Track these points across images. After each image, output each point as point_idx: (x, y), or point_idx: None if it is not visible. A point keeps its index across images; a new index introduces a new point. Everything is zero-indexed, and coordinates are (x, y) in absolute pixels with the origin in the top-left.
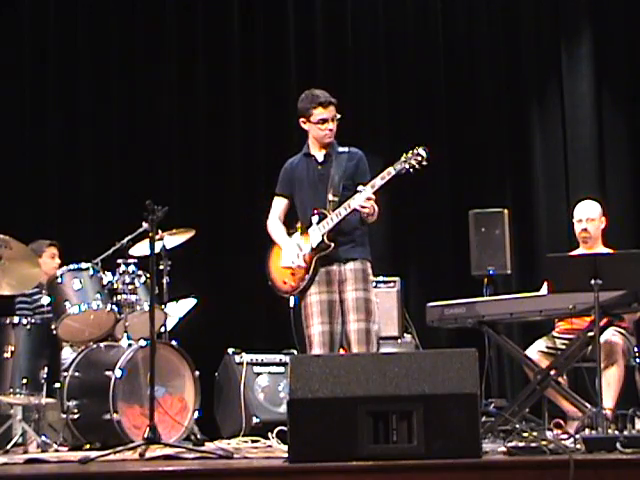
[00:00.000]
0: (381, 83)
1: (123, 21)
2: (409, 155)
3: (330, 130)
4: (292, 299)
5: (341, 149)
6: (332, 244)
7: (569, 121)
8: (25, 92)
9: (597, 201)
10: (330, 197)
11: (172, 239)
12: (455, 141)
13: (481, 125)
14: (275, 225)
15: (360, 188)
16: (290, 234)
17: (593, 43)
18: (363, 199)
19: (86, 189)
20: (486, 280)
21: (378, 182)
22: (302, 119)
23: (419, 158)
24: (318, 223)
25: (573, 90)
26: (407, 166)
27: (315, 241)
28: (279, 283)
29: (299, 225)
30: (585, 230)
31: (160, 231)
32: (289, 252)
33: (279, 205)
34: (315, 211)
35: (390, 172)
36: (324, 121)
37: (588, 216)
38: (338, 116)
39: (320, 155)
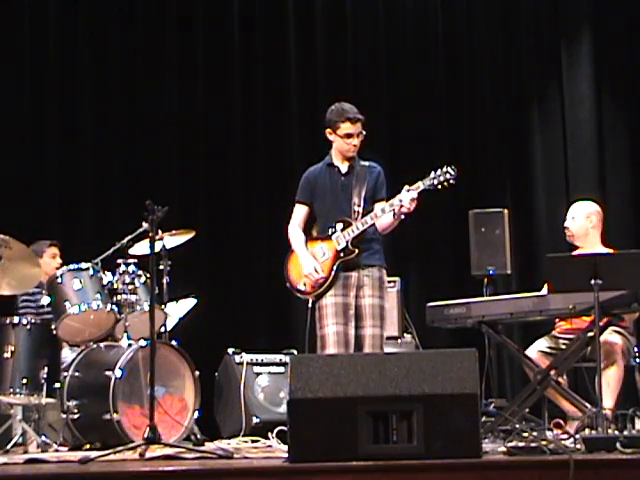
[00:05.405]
0: (381, 83)
1: (124, 20)
2: (438, 173)
3: (354, 145)
4: (310, 300)
5: (362, 163)
6: (357, 250)
7: (569, 121)
8: (25, 92)
9: (593, 201)
10: (355, 208)
11: (172, 239)
12: (455, 141)
13: (481, 125)
14: (295, 233)
15: (406, 188)
16: (308, 241)
17: (593, 43)
18: (409, 199)
19: (86, 189)
20: (486, 280)
21: (411, 193)
22: (328, 130)
23: (448, 176)
24: (342, 230)
25: (573, 90)
26: (435, 182)
27: (340, 246)
28: (298, 285)
29: (315, 234)
30: (566, 228)
31: (160, 231)
32: (307, 266)
33: (300, 212)
34: (339, 220)
35: (419, 186)
36: (349, 136)
37: (570, 216)
38: (364, 133)
39: (344, 167)
